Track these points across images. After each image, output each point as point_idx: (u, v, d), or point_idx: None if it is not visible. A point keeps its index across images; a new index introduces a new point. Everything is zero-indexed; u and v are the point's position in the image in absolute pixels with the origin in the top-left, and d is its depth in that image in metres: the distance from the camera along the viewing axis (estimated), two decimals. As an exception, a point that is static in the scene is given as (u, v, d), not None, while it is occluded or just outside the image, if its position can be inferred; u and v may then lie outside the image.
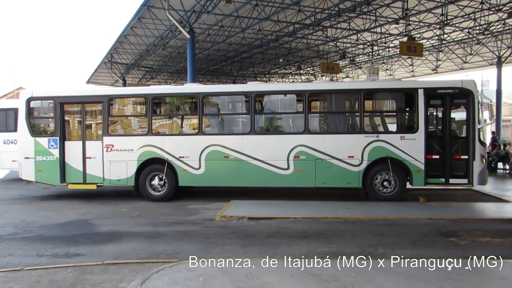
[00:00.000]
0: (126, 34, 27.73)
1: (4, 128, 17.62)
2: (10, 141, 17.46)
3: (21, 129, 12.35)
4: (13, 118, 17.04)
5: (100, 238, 8.00)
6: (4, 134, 17.53)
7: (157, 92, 12.10)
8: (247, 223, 8.96)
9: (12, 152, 17.04)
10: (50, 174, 12.11)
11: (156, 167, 11.78)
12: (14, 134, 16.53)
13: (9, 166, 17.71)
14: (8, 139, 17.58)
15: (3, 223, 9.46)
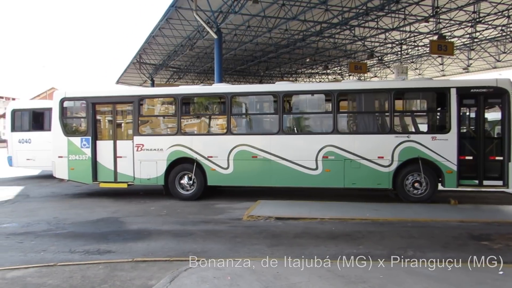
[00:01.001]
0: (154, 35, 28.14)
1: (19, 128, 18.33)
2: (24, 140, 18.17)
3: (54, 129, 12.68)
4: (27, 118, 18.05)
5: (130, 235, 8.14)
6: (19, 133, 18.23)
7: (186, 92, 12.22)
8: (274, 223, 8.95)
9: (26, 151, 18.07)
10: (82, 173, 12.40)
11: (185, 166, 11.90)
12: (28, 133, 17.94)
13: (24, 164, 18.45)
14: (22, 138, 18.29)
15: (37, 219, 9.75)
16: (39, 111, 18.44)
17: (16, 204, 12.01)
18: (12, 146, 18.45)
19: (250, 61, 37.04)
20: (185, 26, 25.33)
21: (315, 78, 47.93)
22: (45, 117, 18.14)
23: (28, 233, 8.42)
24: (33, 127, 18.25)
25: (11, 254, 7.00)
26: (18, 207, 11.44)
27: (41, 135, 17.83)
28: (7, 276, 5.84)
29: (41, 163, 18.02)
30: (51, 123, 17.42)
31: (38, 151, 17.90)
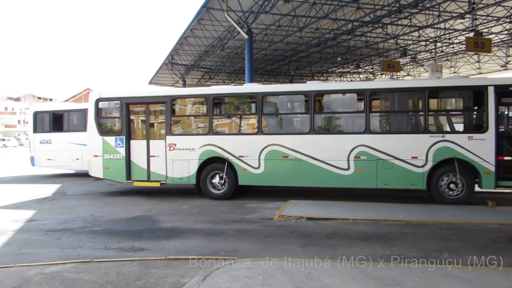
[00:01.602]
0: (186, 36, 28.46)
1: (41, 129, 19.10)
2: (45, 141, 18.95)
3: (90, 129, 13.02)
4: (47, 120, 18.86)
5: (163, 233, 8.26)
6: (40, 134, 19.02)
7: (217, 92, 12.30)
8: (306, 223, 8.91)
9: (47, 152, 18.83)
10: (116, 172, 12.67)
11: (216, 166, 12.00)
12: (49, 134, 18.70)
13: (45, 164, 19.21)
14: (43, 139, 19.07)
15: (73, 216, 10.04)
16: (58, 113, 19.23)
17: (53, 201, 12.40)
18: (34, 147, 19.23)
19: (281, 61, 36.96)
20: (216, 27, 25.52)
21: (346, 77, 47.41)
22: (64, 119, 19.02)
23: (66, 230, 8.67)
24: (53, 129, 18.99)
25: (49, 250, 7.23)
26: (55, 205, 11.80)
27: (61, 136, 18.71)
28: (46, 271, 6.03)
29: (60, 163, 18.89)
30: (86, 123, 18.15)
31: (58, 152, 18.72)
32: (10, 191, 14.59)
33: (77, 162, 18.72)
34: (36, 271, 6.06)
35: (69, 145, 18.58)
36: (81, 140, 18.33)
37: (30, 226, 9.15)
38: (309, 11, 22.23)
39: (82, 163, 18.52)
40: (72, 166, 18.96)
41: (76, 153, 18.57)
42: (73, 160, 18.70)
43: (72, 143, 18.65)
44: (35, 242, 7.76)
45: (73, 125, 19.10)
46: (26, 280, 5.70)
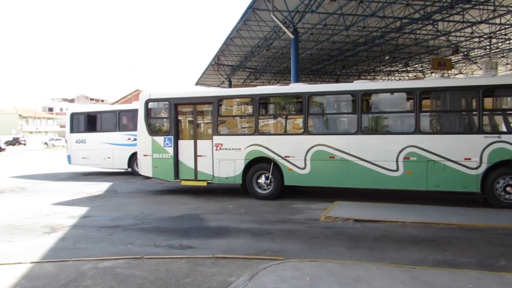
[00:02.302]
0: (232, 37, 28.75)
1: (76, 130, 20.24)
2: (80, 140, 20.11)
3: (140, 129, 13.40)
4: (83, 121, 20.00)
5: (210, 232, 8.38)
6: (76, 134, 20.14)
7: (263, 93, 12.34)
8: (353, 225, 8.77)
9: (82, 150, 19.92)
10: (165, 171, 12.98)
11: (262, 166, 12.04)
12: (83, 134, 19.83)
13: (80, 162, 20.28)
14: (79, 138, 20.24)
15: (124, 214, 10.38)
16: (92, 114, 20.34)
17: (106, 199, 12.87)
18: (71, 146, 20.42)
19: (327, 60, 36.60)
20: (261, 27, 25.62)
21: (394, 76, 46.29)
22: (97, 120, 20.10)
23: (117, 227, 8.98)
24: (87, 129, 20.06)
25: (102, 246, 7.51)
26: (107, 202, 12.25)
27: (94, 136, 19.77)
28: (99, 266, 6.26)
29: (93, 161, 19.92)
30: (116, 124, 19.38)
31: (91, 150, 19.77)
32: (66, 189, 15.27)
33: (108, 161, 19.66)
34: (90, 265, 6.31)
35: (101, 145, 19.61)
36: (112, 139, 19.46)
37: (84, 222, 9.55)
38: (356, 9, 21.88)
39: (113, 162, 19.54)
40: (104, 164, 19.90)
41: (108, 152, 19.50)
42: (104, 159, 19.65)
43: (104, 142, 19.62)
44: (89, 238, 8.08)
45: (105, 125, 20.07)
46: (81, 274, 5.94)
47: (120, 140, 19.34)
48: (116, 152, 19.40)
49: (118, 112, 19.90)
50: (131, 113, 20.01)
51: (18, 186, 16.27)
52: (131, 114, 20.01)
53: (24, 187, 15.98)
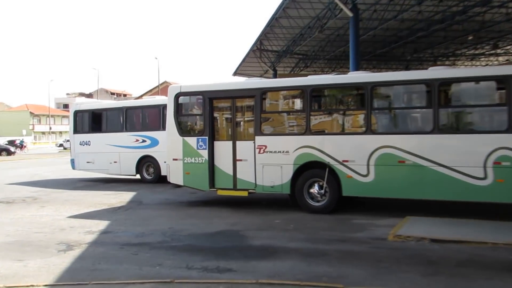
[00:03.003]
0: (277, 16, 28.77)
1: (80, 130, 20.85)
2: (85, 142, 20.70)
3: (169, 128, 13.64)
4: (87, 120, 20.74)
5: (252, 252, 8.41)
6: (80, 135, 20.76)
7: (316, 83, 12.27)
8: (429, 246, 8.57)
9: (86, 154, 20.54)
10: (198, 178, 13.15)
11: (315, 172, 11.98)
12: (88, 135, 20.48)
13: (85, 168, 20.89)
14: (83, 140, 20.77)
15: (151, 229, 10.57)
16: (98, 112, 20.77)
17: (129, 211, 13.18)
18: (74, 149, 21.03)
19: (394, 43, 35.95)
20: (313, 4, 25.51)
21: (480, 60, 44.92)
22: (103, 118, 20.63)
23: (143, 244, 9.16)
24: (92, 129, 20.58)
25: (126, 267, 7.67)
26: (131, 215, 12.54)
27: (99, 137, 20.24)
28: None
29: (99, 166, 20.43)
30: (122, 123, 19.89)
31: (96, 154, 20.29)
32: (83, 199, 15.77)
33: (115, 165, 20.14)
34: (112, 290, 6.46)
35: (106, 147, 20.11)
36: (118, 141, 19.93)
37: (104, 238, 9.80)
38: (431, -21, 21.39)
39: (120, 167, 20.00)
40: (110, 170, 20.41)
41: (114, 155, 19.95)
42: (111, 163, 20.16)
43: (110, 144, 20.12)
44: (110, 257, 8.29)
45: (110, 125, 20.56)
46: (102, 300, 6.09)
47: (127, 142, 19.81)
48: (123, 155, 19.91)
49: (124, 109, 20.31)
50: (139, 111, 20.57)
51: (29, 195, 16.94)
52: (139, 111, 20.57)
53: (36, 196, 16.62)
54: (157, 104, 19.66)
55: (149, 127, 19.91)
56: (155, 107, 19.73)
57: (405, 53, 40.66)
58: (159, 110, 19.23)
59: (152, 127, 19.73)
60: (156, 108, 19.63)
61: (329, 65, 45.07)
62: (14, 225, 11.40)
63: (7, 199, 16.09)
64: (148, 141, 19.48)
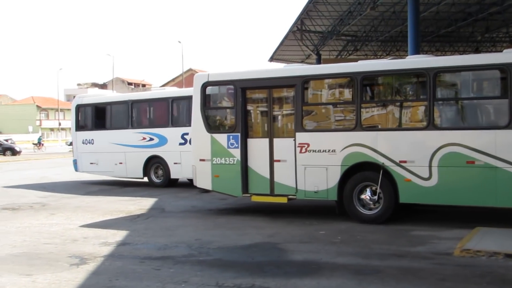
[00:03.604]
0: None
1: (83, 127, 21.55)
2: (88, 141, 21.25)
3: (195, 123, 13.77)
4: (90, 115, 21.50)
5: (293, 268, 8.44)
6: (82, 133, 21.39)
7: (368, 70, 12.21)
8: (504, 263, 8.47)
9: (89, 154, 21.16)
10: (229, 182, 13.26)
11: (367, 175, 11.95)
12: (91, 133, 21.19)
13: (88, 169, 21.54)
14: (86, 138, 21.31)
15: (175, 241, 10.73)
16: (101, 106, 21.24)
17: (150, 219, 13.39)
18: (77, 148, 21.62)
19: (461, 21, 35.38)
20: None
21: None
22: (107, 113, 21.08)
23: (166, 258, 9.30)
24: (95, 126, 21.10)
25: (147, 284, 7.81)
26: (152, 224, 12.74)
27: (103, 135, 20.70)
28: (144, 312, 6.53)
29: (103, 167, 20.96)
30: (128, 119, 20.41)
31: (100, 154, 20.76)
32: (98, 205, 16.10)
33: (120, 167, 20.51)
34: (131, 310, 6.59)
35: (111, 146, 20.51)
36: (123, 139, 20.26)
37: (122, 251, 10.00)
38: None
39: (126, 168, 20.41)
40: (116, 172, 20.90)
41: (119, 155, 20.32)
42: (116, 164, 20.56)
43: (114, 143, 20.49)
44: (129, 273, 8.44)
45: (115, 121, 20.95)
46: (120, 322, 6.22)
47: (134, 140, 20.12)
48: (129, 155, 20.30)
49: (130, 102, 20.58)
50: (146, 104, 20.86)
51: (37, 201, 17.38)
52: (146, 105, 20.87)
53: (44, 202, 17.04)
54: (165, 97, 19.94)
55: (157, 123, 20.28)
56: (164, 100, 19.98)
57: (475, 33, 39.94)
58: (167, 103, 19.61)
59: (160, 123, 20.04)
60: (164, 101, 19.91)
61: (383, 48, 44.63)
62: (21, 235, 11.72)
63: (13, 205, 16.55)
64: (156, 139, 19.79)
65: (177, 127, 19.27)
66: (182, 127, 19.02)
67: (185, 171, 18.88)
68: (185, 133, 18.58)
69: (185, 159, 18.66)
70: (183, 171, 19.20)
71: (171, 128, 19.39)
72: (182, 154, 18.98)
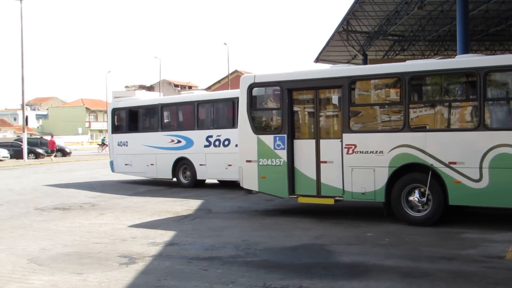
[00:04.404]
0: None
1: (119, 129, 22.54)
2: (122, 143, 22.25)
3: (242, 124, 13.87)
4: (124, 118, 22.51)
5: (341, 270, 8.38)
6: (118, 135, 22.46)
7: (416, 70, 12.03)
8: (561, 268, 8.24)
9: (124, 155, 22.13)
10: (276, 183, 13.27)
11: (415, 176, 11.81)
12: (125, 135, 22.18)
13: (123, 170, 22.51)
14: (121, 140, 22.30)
15: (222, 241, 10.79)
16: (134, 109, 22.16)
17: (197, 220, 13.51)
18: (113, 150, 22.65)
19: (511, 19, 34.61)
20: (411, -25, 25.00)
21: None
22: (139, 116, 22.13)
23: (213, 259, 9.36)
24: (129, 128, 22.07)
25: (195, 284, 7.87)
26: (199, 225, 12.85)
27: (136, 137, 21.63)
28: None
29: (136, 168, 21.92)
30: (158, 121, 21.37)
31: (134, 156, 21.69)
32: (146, 206, 16.34)
33: (151, 168, 21.38)
34: (180, 310, 6.65)
35: (143, 148, 21.41)
36: (154, 142, 21.10)
37: (170, 251, 10.11)
38: None
39: (157, 169, 21.24)
40: (148, 173, 21.80)
41: (150, 157, 21.16)
42: (147, 166, 21.39)
43: (146, 145, 21.35)
44: (177, 273, 8.53)
45: (146, 123, 21.99)
46: (169, 321, 6.29)
47: (163, 142, 20.84)
48: (159, 157, 21.07)
49: (160, 106, 21.36)
50: (174, 108, 21.76)
51: (87, 201, 17.75)
52: (174, 108, 21.77)
53: (94, 202, 17.38)
54: (191, 101, 20.64)
55: (184, 126, 20.99)
56: (190, 104, 20.70)
57: (528, 31, 39.08)
58: (193, 107, 20.25)
59: (187, 126, 20.74)
60: (190, 105, 20.62)
61: (431, 47, 44.00)
62: (71, 234, 11.98)
63: (64, 205, 16.94)
64: (183, 141, 20.45)
65: (202, 129, 20.01)
66: (206, 129, 19.86)
67: (210, 172, 19.98)
68: (209, 135, 19.45)
69: (209, 161, 19.61)
70: (208, 172, 20.09)
71: (196, 130, 20.08)
72: (206, 156, 19.71)
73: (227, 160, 18.73)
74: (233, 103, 18.13)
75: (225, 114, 20.14)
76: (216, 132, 19.43)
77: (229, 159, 18.41)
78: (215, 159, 19.43)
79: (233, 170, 17.42)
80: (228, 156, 18.57)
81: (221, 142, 19.23)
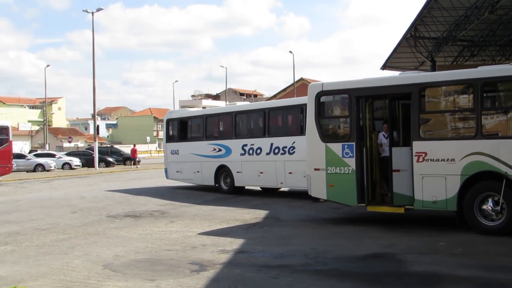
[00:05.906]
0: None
1: (172, 138, 24.20)
2: (174, 151, 23.81)
3: (310, 132, 13.90)
4: (176, 128, 24.13)
5: (413, 280, 8.31)
6: (171, 144, 24.26)
7: (489, 76, 11.80)
8: None
9: (176, 163, 23.75)
10: (344, 191, 13.23)
11: (489, 184, 11.54)
12: (177, 144, 23.86)
13: (175, 177, 24.13)
14: (173, 149, 23.94)
15: (291, 249, 10.83)
16: (184, 120, 23.73)
17: (265, 228, 13.60)
18: (167, 158, 24.31)
19: None
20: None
21: None
22: (188, 127, 23.75)
23: (283, 267, 9.41)
24: (180, 138, 23.67)
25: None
26: (268, 233, 12.93)
27: (185, 146, 23.22)
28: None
29: (185, 175, 23.51)
30: (203, 131, 22.73)
31: (183, 163, 23.21)
32: (214, 214, 16.57)
33: (198, 175, 22.86)
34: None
35: (191, 156, 22.92)
36: (199, 150, 22.46)
37: (240, 259, 10.22)
38: None
39: (202, 176, 22.62)
40: (194, 180, 23.30)
41: (196, 165, 22.59)
42: (194, 173, 22.86)
43: (193, 153, 22.78)
44: (248, 280, 8.61)
45: (194, 133, 23.37)
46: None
47: (207, 151, 22.06)
48: (204, 165, 22.41)
49: (205, 117, 22.79)
50: (216, 118, 23.11)
51: (157, 209, 18.15)
52: (216, 119, 23.10)
53: (164, 210, 17.76)
54: (229, 111, 22.09)
55: (224, 136, 22.18)
56: (228, 114, 22.01)
57: None
58: (232, 117, 21.44)
59: (226, 135, 21.94)
60: (229, 115, 21.91)
61: (502, 53, 42.75)
62: (143, 241, 12.28)
63: (135, 213, 17.38)
64: (223, 150, 21.59)
65: (239, 138, 21.00)
66: (242, 139, 20.86)
67: (246, 179, 21.29)
68: (244, 144, 20.45)
69: (245, 168, 20.59)
70: (244, 179, 21.37)
71: (234, 140, 21.11)
72: (242, 164, 20.65)
73: (259, 168, 19.88)
74: (264, 113, 20.25)
75: (258, 125, 21.18)
76: (250, 141, 20.39)
77: (261, 166, 19.71)
78: (249, 167, 20.43)
79: (264, 177, 19.91)
80: (260, 164, 19.79)
81: (254, 150, 20.16)
